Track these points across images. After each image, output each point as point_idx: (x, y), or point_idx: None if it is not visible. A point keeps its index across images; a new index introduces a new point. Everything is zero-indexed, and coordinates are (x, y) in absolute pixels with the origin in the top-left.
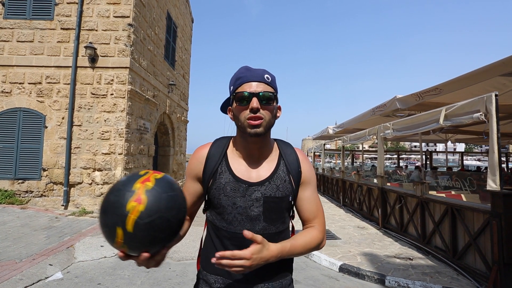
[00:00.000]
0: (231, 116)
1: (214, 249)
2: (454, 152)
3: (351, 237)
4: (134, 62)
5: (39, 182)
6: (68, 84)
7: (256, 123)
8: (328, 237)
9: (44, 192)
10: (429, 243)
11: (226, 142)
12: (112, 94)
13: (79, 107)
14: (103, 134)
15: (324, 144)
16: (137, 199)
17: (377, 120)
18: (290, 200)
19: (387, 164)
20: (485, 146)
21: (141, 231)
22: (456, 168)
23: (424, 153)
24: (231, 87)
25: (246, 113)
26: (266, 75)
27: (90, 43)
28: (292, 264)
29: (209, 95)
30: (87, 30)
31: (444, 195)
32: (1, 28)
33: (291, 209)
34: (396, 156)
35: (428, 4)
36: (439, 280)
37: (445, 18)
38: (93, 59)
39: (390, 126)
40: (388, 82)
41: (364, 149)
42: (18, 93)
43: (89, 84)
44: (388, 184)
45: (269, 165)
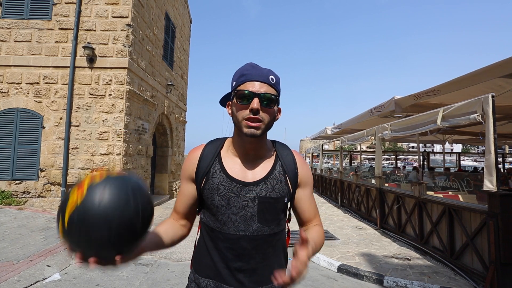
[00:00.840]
0: (229, 112)
1: (207, 251)
2: (451, 152)
3: (350, 238)
4: (133, 63)
5: (36, 182)
6: (66, 84)
7: (255, 125)
8: (326, 237)
9: (42, 193)
10: (427, 243)
11: (220, 142)
12: (111, 95)
13: (77, 107)
14: (101, 135)
15: (322, 145)
16: (79, 192)
17: (375, 121)
18: (286, 201)
19: (385, 165)
20: (482, 147)
21: (74, 229)
22: (453, 169)
23: (421, 153)
24: (234, 82)
25: (246, 112)
26: (271, 76)
27: (88, 43)
28: (286, 264)
29: (207, 96)
30: (85, 30)
31: (441, 195)
32: None
33: (287, 211)
34: (393, 157)
35: (428, 4)
36: (436, 280)
37: (445, 18)
38: (91, 59)
39: (388, 127)
40: (387, 82)
41: (362, 149)
42: (16, 93)
43: (87, 84)
44: (386, 184)
45: (265, 166)
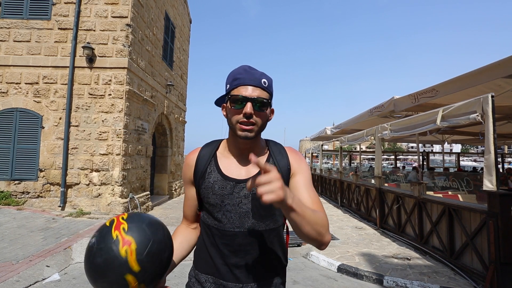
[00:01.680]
0: (224, 114)
1: (205, 248)
2: (451, 153)
3: (349, 238)
4: (132, 63)
5: (35, 183)
6: (66, 84)
7: (248, 128)
8: None
9: (41, 193)
10: (427, 243)
11: (216, 144)
12: (110, 95)
13: (77, 107)
14: (100, 135)
15: (322, 145)
16: (124, 243)
17: (374, 121)
18: None
19: (384, 165)
20: (481, 147)
21: (147, 263)
22: (452, 169)
23: (421, 153)
24: (228, 85)
25: (239, 116)
26: (263, 80)
27: (88, 43)
28: (282, 266)
29: (207, 96)
30: (84, 30)
31: (441, 195)
32: None
33: None
34: (393, 157)
35: (428, 4)
36: (436, 280)
37: (445, 18)
38: (91, 59)
39: (387, 127)
40: (387, 82)
41: (361, 150)
42: (15, 93)
43: (86, 84)
44: (386, 184)
45: None
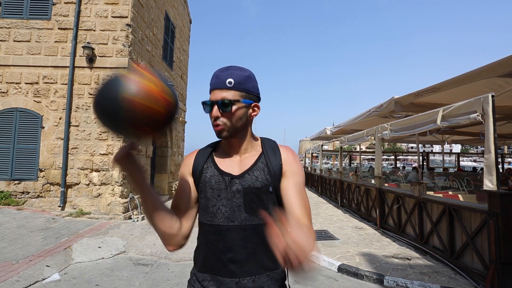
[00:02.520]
0: None
1: (201, 247)
2: (451, 153)
3: (349, 238)
4: (132, 63)
5: (35, 183)
6: (66, 84)
7: (218, 129)
8: (326, 237)
9: (41, 193)
10: (427, 243)
11: (213, 144)
12: None
13: (77, 107)
14: (100, 135)
15: (322, 145)
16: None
17: (374, 121)
18: (271, 190)
19: (384, 165)
20: (481, 147)
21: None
22: (452, 169)
23: (421, 154)
24: None
25: (212, 120)
26: (228, 80)
27: (88, 43)
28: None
29: (207, 96)
30: (85, 30)
31: (441, 195)
32: None
33: (275, 201)
34: (393, 157)
35: (427, 5)
36: (437, 280)
37: (445, 19)
38: (91, 59)
39: (388, 127)
40: (387, 82)
41: (361, 150)
42: (15, 93)
43: (86, 84)
44: (386, 184)
45: (250, 159)
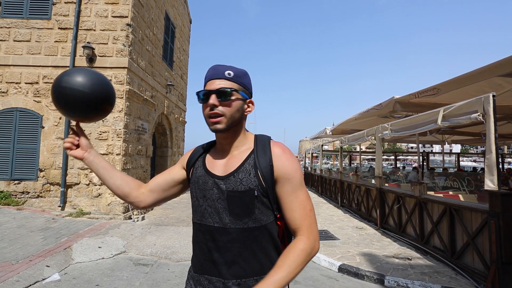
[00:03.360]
0: None
1: (194, 245)
2: (451, 153)
3: (350, 238)
4: (132, 63)
5: (35, 182)
6: None
7: (215, 120)
8: (326, 237)
9: (41, 193)
10: (428, 243)
11: (211, 143)
12: None
13: None
14: (101, 135)
15: (322, 145)
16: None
17: (374, 121)
18: (256, 194)
19: (384, 165)
20: (481, 147)
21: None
22: (452, 169)
23: (421, 154)
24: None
25: (207, 110)
26: (227, 71)
27: (88, 43)
28: (273, 262)
29: None
30: (85, 30)
31: (442, 195)
32: None
33: (266, 205)
34: (393, 157)
35: (427, 5)
36: (438, 280)
37: (445, 19)
38: (91, 59)
39: (388, 127)
40: (387, 82)
41: (361, 150)
42: (15, 93)
43: None
44: (386, 184)
45: (239, 159)
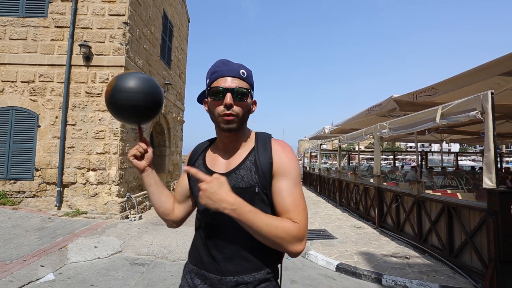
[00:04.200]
0: (206, 109)
1: (194, 239)
2: (449, 152)
3: (348, 237)
4: (129, 61)
5: (31, 182)
6: (62, 82)
7: (230, 119)
8: (325, 236)
9: (37, 192)
10: (426, 242)
11: (211, 140)
12: None
13: (73, 106)
14: (97, 134)
15: (321, 144)
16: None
17: (373, 120)
18: (257, 190)
19: (383, 165)
20: (480, 147)
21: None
22: (451, 168)
23: (419, 153)
24: (207, 80)
25: (221, 108)
26: (241, 70)
27: (84, 41)
28: (270, 263)
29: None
30: (81, 28)
31: (440, 194)
32: None
33: (265, 201)
34: (392, 157)
35: (426, 4)
36: (436, 279)
37: (444, 19)
38: (88, 57)
39: (386, 125)
40: (386, 82)
41: (360, 149)
42: (11, 91)
43: (83, 82)
44: (385, 183)
45: (240, 156)
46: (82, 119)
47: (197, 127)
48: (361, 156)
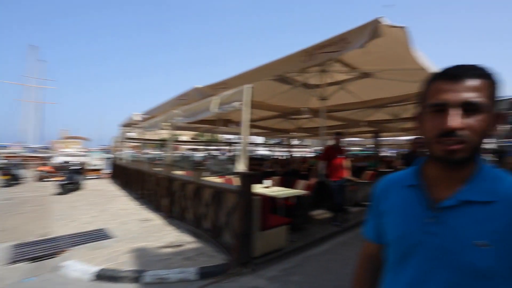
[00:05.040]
0: None
1: None
2: (254, 143)
3: (129, 233)
4: None
5: None
6: None
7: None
8: (97, 238)
9: None
10: (200, 226)
11: None
12: None
13: None
14: None
15: (124, 132)
16: None
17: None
18: None
19: (203, 155)
20: (277, 140)
21: None
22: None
23: (228, 143)
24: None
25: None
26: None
27: None
28: None
29: None
30: None
31: (219, 179)
32: None
33: None
34: (214, 148)
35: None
36: (196, 262)
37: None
38: None
39: (180, 112)
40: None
41: (186, 140)
42: None
43: None
44: (181, 173)
45: None
46: None
47: None
48: (186, 146)
